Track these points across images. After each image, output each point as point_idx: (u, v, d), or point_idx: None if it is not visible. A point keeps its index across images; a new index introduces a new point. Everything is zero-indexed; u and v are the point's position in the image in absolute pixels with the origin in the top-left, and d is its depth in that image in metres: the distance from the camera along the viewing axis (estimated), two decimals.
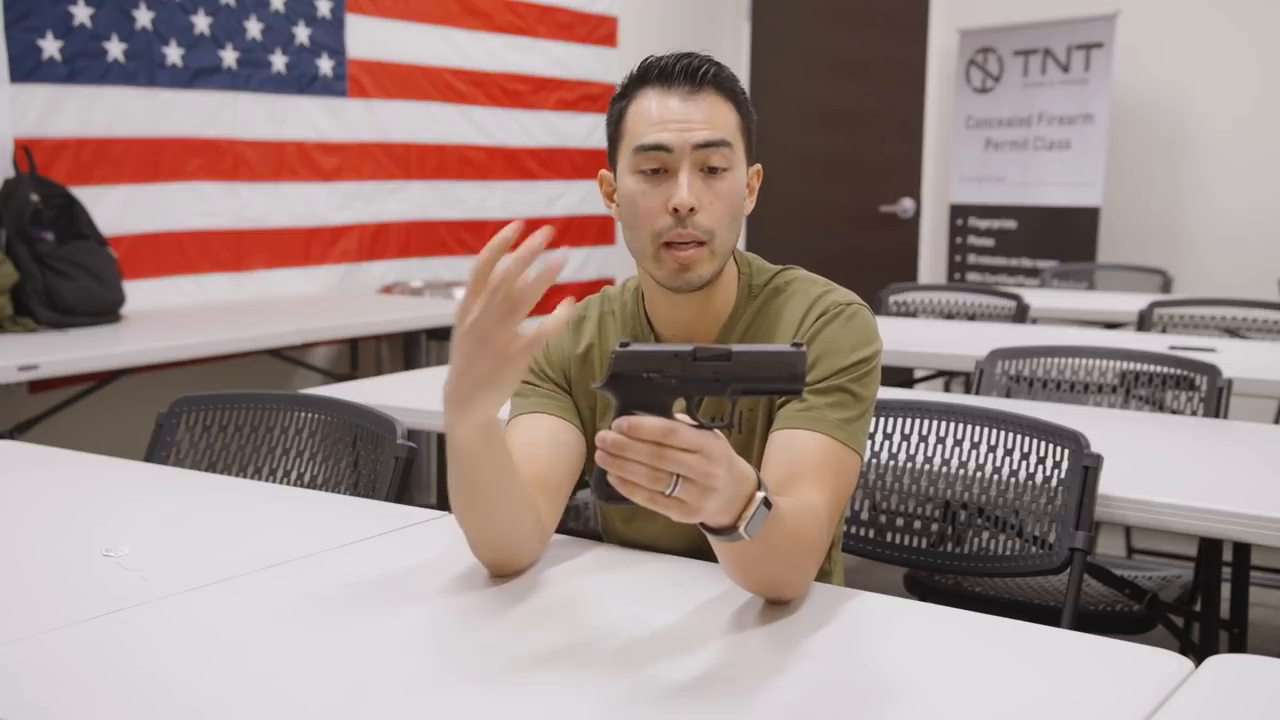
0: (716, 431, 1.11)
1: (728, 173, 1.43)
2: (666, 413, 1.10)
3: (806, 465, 1.39)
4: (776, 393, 1.13)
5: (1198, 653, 1.85)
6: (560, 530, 1.53)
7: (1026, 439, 1.94)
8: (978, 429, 2.01)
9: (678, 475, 1.07)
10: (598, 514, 1.73)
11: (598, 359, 1.57)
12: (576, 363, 1.57)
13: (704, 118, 1.42)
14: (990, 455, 1.96)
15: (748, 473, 1.17)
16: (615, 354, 1.12)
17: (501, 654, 1.20)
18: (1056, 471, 1.89)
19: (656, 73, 1.44)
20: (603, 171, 1.53)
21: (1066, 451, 1.87)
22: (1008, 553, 1.92)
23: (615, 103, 1.49)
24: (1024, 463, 1.93)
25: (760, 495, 1.17)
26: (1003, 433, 1.97)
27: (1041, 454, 1.92)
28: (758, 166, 1.52)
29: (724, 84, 1.45)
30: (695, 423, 1.10)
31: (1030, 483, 1.91)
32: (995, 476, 1.94)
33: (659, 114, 1.42)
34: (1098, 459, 1.81)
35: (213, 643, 1.23)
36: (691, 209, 1.41)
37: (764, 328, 1.52)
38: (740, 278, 1.55)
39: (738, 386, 1.12)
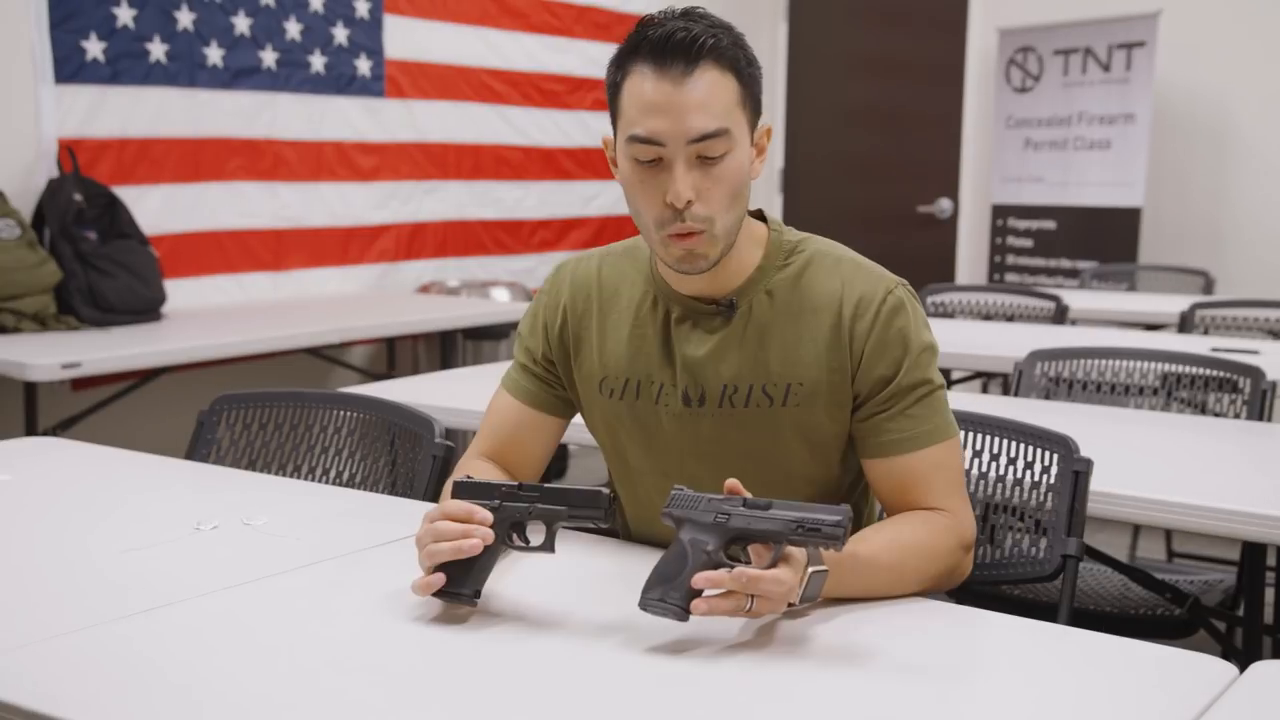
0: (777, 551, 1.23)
1: (727, 155, 1.40)
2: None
3: (917, 480, 1.46)
4: (825, 544, 1.21)
5: (1240, 658, 1.82)
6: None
7: (1014, 444, 1.88)
8: (966, 434, 1.92)
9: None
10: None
11: (596, 303, 1.58)
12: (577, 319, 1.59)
13: (700, 102, 1.36)
14: (976, 460, 1.91)
15: (800, 560, 1.25)
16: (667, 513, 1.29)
17: (529, 648, 1.21)
18: (1046, 477, 1.83)
19: (649, 48, 1.38)
20: (605, 136, 1.50)
21: (1056, 456, 1.82)
22: (1000, 560, 1.87)
23: (611, 70, 1.44)
24: (1010, 468, 1.88)
25: (809, 571, 1.25)
26: (989, 438, 1.91)
27: (1030, 459, 1.86)
28: (767, 127, 1.47)
29: (723, 53, 1.38)
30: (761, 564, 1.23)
31: (1019, 489, 1.86)
32: (982, 482, 1.89)
33: (652, 98, 1.37)
34: (1088, 464, 1.76)
35: (251, 641, 1.24)
36: (689, 201, 1.38)
37: (794, 307, 1.49)
38: (770, 235, 1.53)
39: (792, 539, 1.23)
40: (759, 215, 1.55)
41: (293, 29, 4.28)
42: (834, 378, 1.47)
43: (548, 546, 1.33)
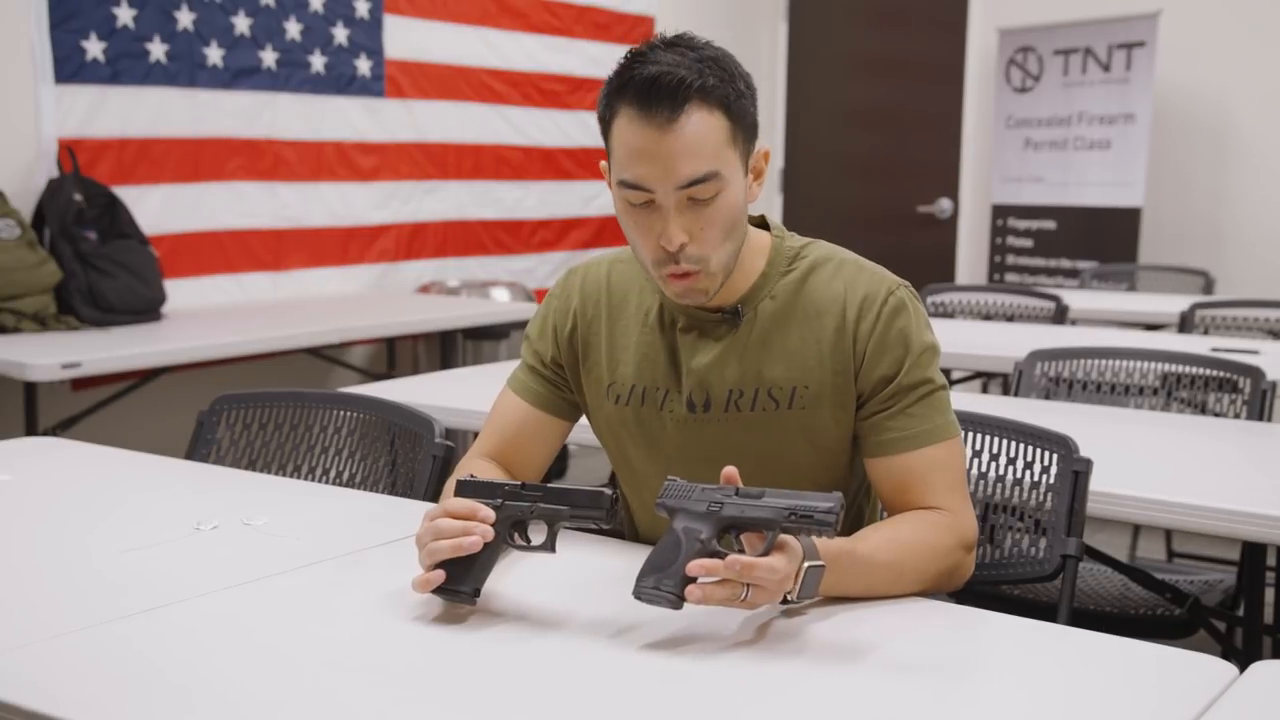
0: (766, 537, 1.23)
1: (718, 195, 1.39)
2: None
3: (916, 479, 1.46)
4: (817, 531, 1.21)
5: (1240, 658, 1.82)
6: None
7: (1014, 444, 1.88)
8: (966, 434, 1.91)
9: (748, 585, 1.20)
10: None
11: (605, 309, 1.59)
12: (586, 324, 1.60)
13: (687, 147, 1.35)
14: (976, 460, 1.91)
15: (796, 550, 1.24)
16: (661, 502, 1.29)
17: (530, 648, 1.21)
18: (1045, 477, 1.83)
19: (634, 91, 1.36)
20: (602, 162, 1.49)
21: (1056, 456, 1.82)
22: (1000, 560, 1.87)
23: (601, 103, 1.43)
24: (1010, 468, 1.88)
25: (805, 566, 1.24)
26: (989, 438, 1.91)
27: (1030, 459, 1.86)
28: (764, 150, 1.46)
29: (710, 93, 1.36)
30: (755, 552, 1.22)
31: (1019, 489, 1.86)
32: (982, 482, 1.89)
33: (639, 145, 1.36)
34: (1087, 464, 1.76)
35: (251, 641, 1.24)
36: (682, 244, 1.39)
37: (799, 312, 1.50)
38: (772, 242, 1.54)
39: (785, 526, 1.22)
40: (762, 223, 1.56)
41: (293, 29, 4.28)
42: (838, 380, 1.48)
43: (548, 546, 1.33)
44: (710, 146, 1.37)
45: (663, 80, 1.35)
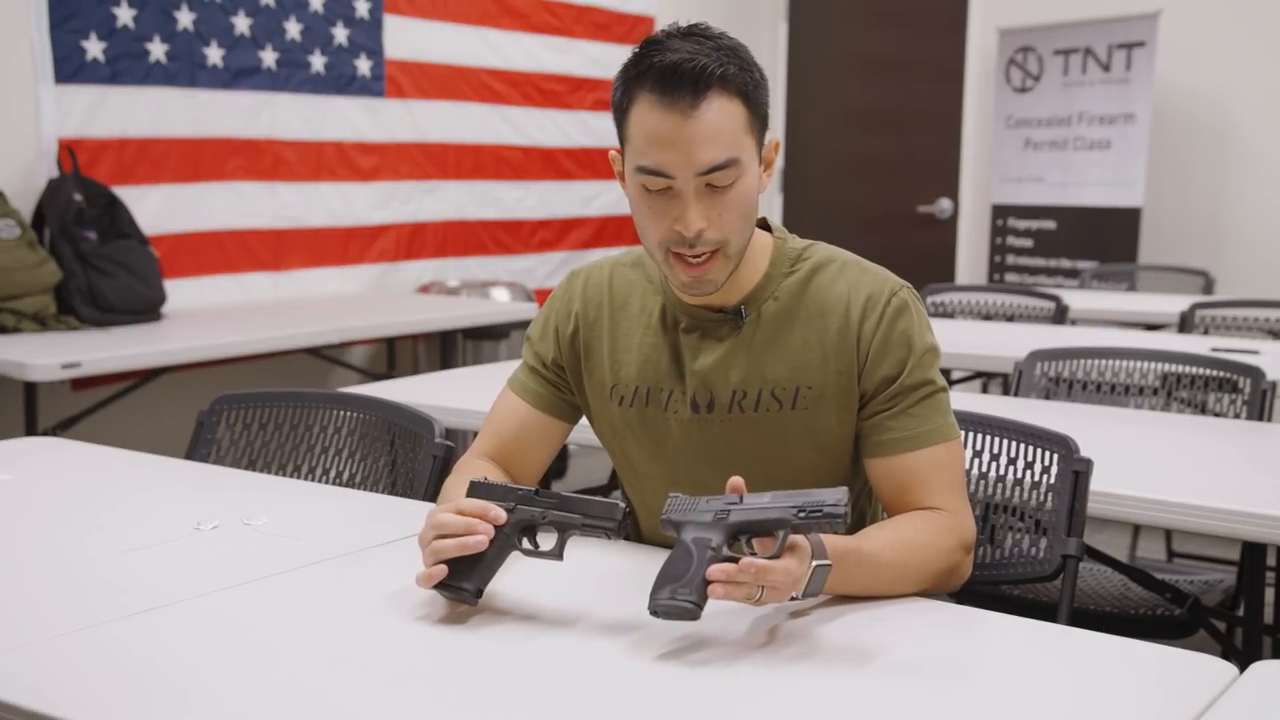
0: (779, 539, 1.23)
1: (736, 182, 1.40)
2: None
3: (916, 480, 1.46)
4: (828, 524, 1.21)
5: (1240, 658, 1.82)
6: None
7: (1014, 444, 1.88)
8: (966, 434, 1.91)
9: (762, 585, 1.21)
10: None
11: (607, 311, 1.59)
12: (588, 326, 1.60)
13: (708, 134, 1.36)
14: (976, 460, 1.91)
15: (806, 550, 1.24)
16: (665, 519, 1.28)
17: (531, 648, 1.21)
18: (1046, 477, 1.82)
19: (655, 77, 1.36)
20: (613, 152, 1.49)
21: (1056, 456, 1.81)
22: (1000, 560, 1.87)
23: (617, 91, 1.43)
24: (1011, 468, 1.87)
25: (813, 564, 1.24)
26: (989, 438, 1.91)
27: (1030, 459, 1.85)
28: (774, 140, 1.47)
29: (730, 80, 1.37)
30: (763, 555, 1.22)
31: (1019, 489, 1.86)
32: (982, 482, 1.89)
33: (660, 132, 1.37)
34: (1088, 464, 1.76)
35: (250, 641, 1.24)
36: (700, 230, 1.39)
37: (802, 312, 1.51)
38: (774, 243, 1.55)
39: (795, 524, 1.22)
40: (763, 224, 1.56)
41: (293, 29, 4.28)
42: (841, 380, 1.49)
43: (556, 554, 1.33)
44: (730, 133, 1.38)
45: (685, 67, 1.35)
